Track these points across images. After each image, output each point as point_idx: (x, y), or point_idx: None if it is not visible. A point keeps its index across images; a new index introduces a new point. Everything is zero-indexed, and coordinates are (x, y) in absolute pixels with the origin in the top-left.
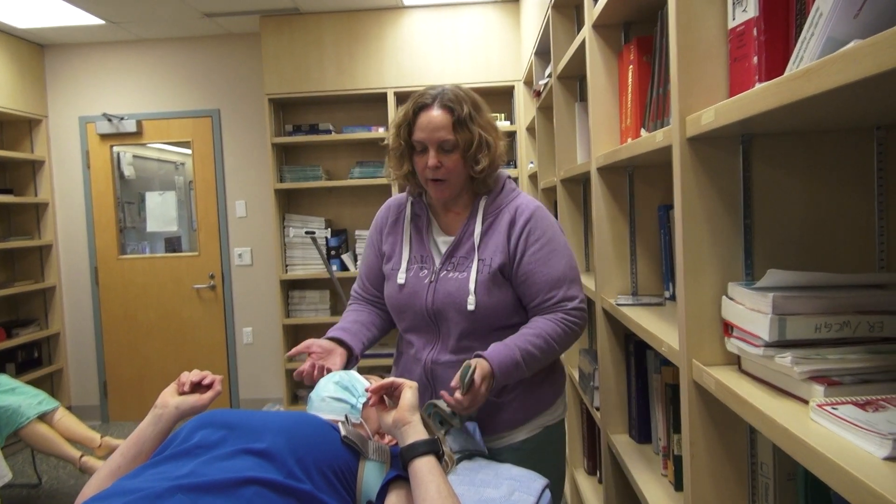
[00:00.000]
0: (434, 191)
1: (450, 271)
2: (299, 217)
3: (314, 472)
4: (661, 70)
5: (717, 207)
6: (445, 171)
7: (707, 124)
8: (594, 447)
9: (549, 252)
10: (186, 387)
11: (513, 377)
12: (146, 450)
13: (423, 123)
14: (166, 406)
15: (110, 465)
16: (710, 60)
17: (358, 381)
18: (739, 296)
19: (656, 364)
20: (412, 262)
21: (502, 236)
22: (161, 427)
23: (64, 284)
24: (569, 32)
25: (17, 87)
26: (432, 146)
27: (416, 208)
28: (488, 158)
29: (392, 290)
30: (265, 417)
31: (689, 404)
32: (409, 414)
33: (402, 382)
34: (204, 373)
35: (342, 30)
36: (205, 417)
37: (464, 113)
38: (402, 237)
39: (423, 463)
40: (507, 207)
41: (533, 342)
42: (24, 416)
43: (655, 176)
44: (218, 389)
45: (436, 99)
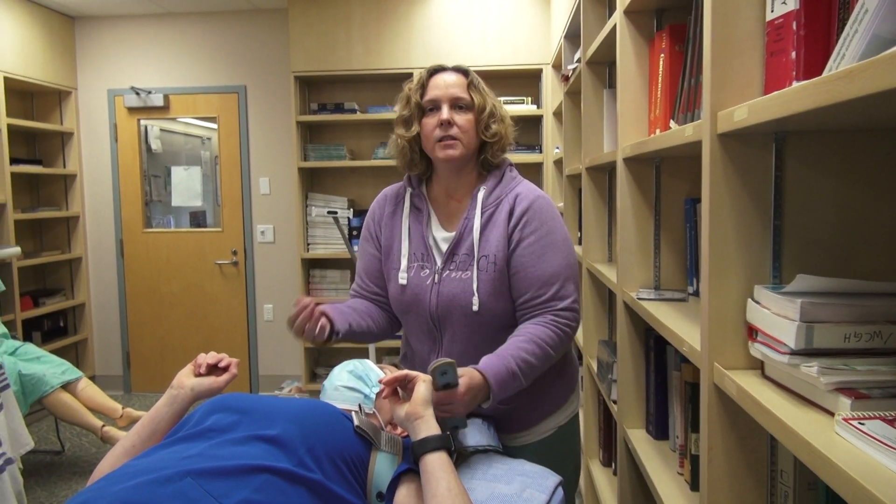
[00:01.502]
0: (443, 151)
1: (452, 271)
2: (322, 196)
3: (325, 461)
4: (694, 60)
5: (746, 206)
6: (458, 129)
7: (740, 121)
8: (610, 439)
9: (544, 246)
10: (203, 369)
11: (510, 389)
12: (161, 429)
13: (438, 82)
14: (182, 387)
15: (125, 445)
16: (746, 54)
17: (372, 370)
18: (766, 299)
19: (676, 361)
20: (412, 259)
21: (502, 229)
22: (176, 408)
23: (90, 255)
24: (600, 17)
25: (48, 59)
26: (446, 102)
27: (415, 201)
28: (499, 126)
29: (395, 291)
30: (278, 404)
31: (708, 407)
32: (421, 408)
33: (415, 375)
34: (220, 355)
35: (371, 8)
36: (219, 401)
37: (477, 80)
38: (401, 231)
39: (434, 458)
40: (507, 197)
41: (528, 349)
42: (49, 385)
43: (683, 168)
44: (234, 373)
45: (450, 67)
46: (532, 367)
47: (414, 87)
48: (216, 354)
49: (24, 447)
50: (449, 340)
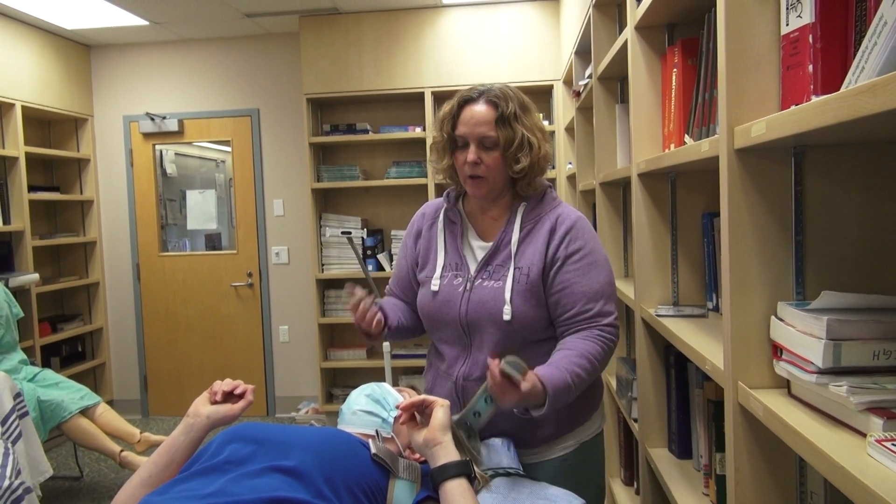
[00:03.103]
0: (472, 188)
1: (485, 279)
2: (336, 216)
3: (343, 491)
4: (708, 74)
5: (766, 222)
6: (484, 168)
7: (757, 136)
8: (631, 457)
9: (589, 264)
10: (219, 396)
11: (562, 402)
12: (178, 459)
13: (466, 117)
14: (198, 415)
15: (141, 475)
16: (761, 68)
17: (390, 394)
18: (790, 317)
19: (698, 378)
20: (447, 268)
21: (541, 244)
22: (193, 436)
23: (107, 280)
24: (610, 32)
25: (65, 87)
26: (473, 141)
27: (450, 215)
28: (529, 159)
29: (425, 298)
30: (294, 433)
31: (734, 428)
32: (440, 434)
33: (433, 401)
34: (236, 382)
35: (381, 29)
36: (234, 431)
37: (508, 110)
38: (437, 243)
39: (454, 485)
40: (548, 216)
41: (580, 363)
42: (67, 411)
43: (700, 182)
44: (250, 399)
45: (482, 94)
46: (583, 382)
47: (447, 115)
48: (231, 381)
49: (42, 474)
50: (478, 348)
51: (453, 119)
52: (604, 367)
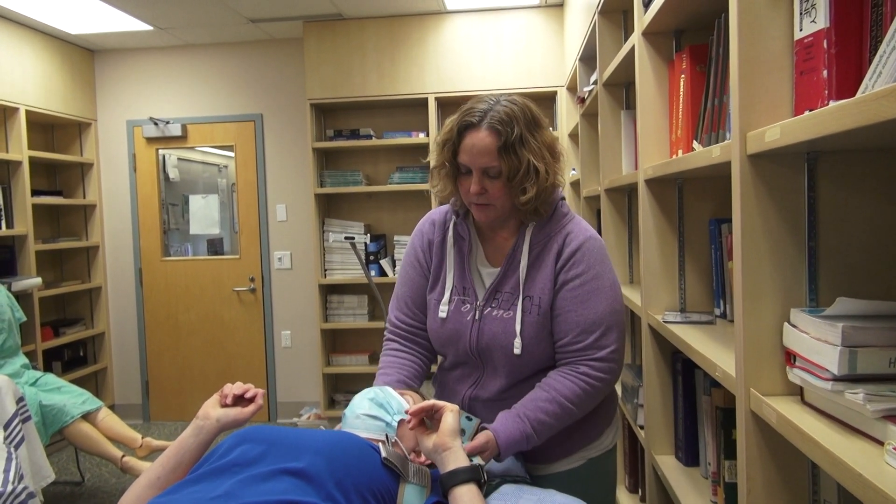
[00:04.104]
0: (477, 213)
1: (494, 308)
2: (339, 222)
3: (353, 494)
4: (717, 80)
5: (779, 228)
6: (489, 197)
7: (771, 142)
8: (636, 464)
9: (589, 291)
10: (229, 399)
11: (521, 448)
12: (186, 461)
13: (468, 146)
14: (208, 418)
15: (149, 476)
16: (774, 73)
17: (393, 398)
18: (803, 323)
19: (706, 385)
20: (454, 292)
21: (549, 269)
22: (202, 439)
23: (109, 285)
24: (616, 39)
25: (69, 92)
26: (476, 170)
27: (459, 230)
28: (535, 188)
29: (434, 324)
30: (304, 435)
31: (745, 436)
32: (449, 439)
33: (443, 405)
34: (247, 386)
35: (384, 35)
36: (244, 433)
37: (513, 136)
38: (446, 262)
39: (464, 491)
40: (557, 235)
41: (546, 409)
42: (69, 416)
43: (707, 188)
44: (260, 403)
45: (484, 118)
46: (549, 427)
47: (447, 141)
48: (242, 385)
49: (45, 479)
50: (490, 374)
51: (454, 145)
52: (587, 408)
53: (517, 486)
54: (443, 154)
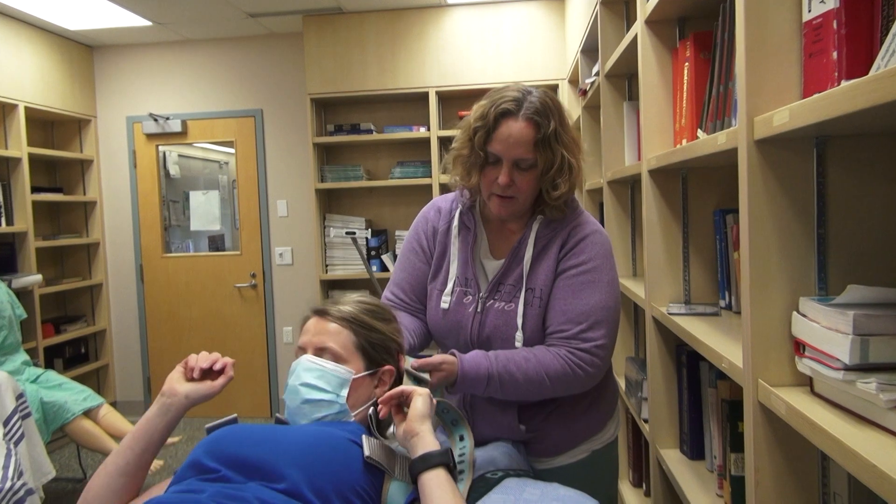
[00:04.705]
0: (496, 207)
1: (497, 300)
2: (340, 217)
3: (336, 500)
4: (723, 67)
5: (787, 215)
6: (515, 189)
7: (780, 126)
8: (639, 458)
9: (585, 282)
10: (196, 374)
11: (477, 390)
12: (155, 442)
13: (503, 135)
14: (175, 395)
15: (117, 463)
16: (782, 56)
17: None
18: (813, 312)
19: (711, 377)
20: (456, 283)
21: (552, 261)
22: (170, 418)
23: (110, 281)
24: (618, 29)
25: (68, 88)
26: (507, 161)
27: (465, 219)
28: (568, 184)
29: (434, 314)
30: (280, 445)
31: (753, 428)
32: (417, 424)
33: (412, 390)
34: (213, 356)
35: (384, 29)
36: (219, 449)
37: (549, 129)
38: (450, 251)
39: (430, 477)
40: (564, 229)
41: (520, 365)
42: (70, 412)
43: (711, 178)
44: (230, 375)
45: (521, 107)
46: (514, 384)
47: (480, 126)
48: (209, 356)
49: (45, 476)
50: None
51: (487, 134)
52: (560, 390)
53: (520, 480)
54: (472, 141)
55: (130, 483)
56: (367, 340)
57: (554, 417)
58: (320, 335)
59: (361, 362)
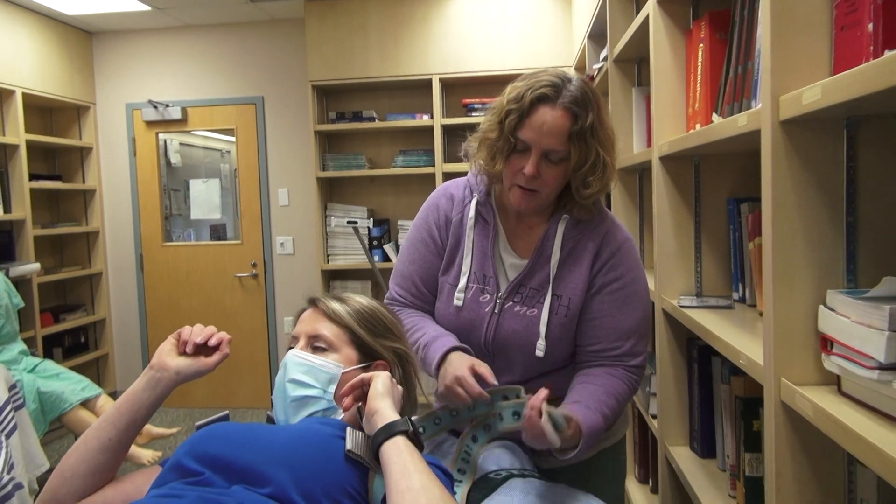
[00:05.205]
0: (517, 198)
1: (517, 303)
2: (342, 206)
3: (324, 501)
4: (742, 46)
5: (814, 202)
6: (541, 182)
7: (810, 104)
8: (646, 454)
9: (627, 296)
10: (189, 348)
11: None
12: (140, 417)
13: (536, 122)
14: (165, 369)
15: (100, 438)
16: (811, 30)
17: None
18: (843, 306)
19: (724, 373)
20: (472, 279)
21: (585, 269)
22: (158, 393)
23: (110, 270)
24: (627, 12)
25: (66, 75)
26: (536, 151)
27: (482, 211)
28: (600, 183)
29: (446, 311)
30: (265, 446)
31: (775, 429)
32: (376, 402)
33: (371, 376)
34: (209, 330)
35: (387, 14)
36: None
37: (587, 122)
38: (464, 243)
39: (388, 446)
40: (593, 233)
41: (609, 404)
42: (68, 403)
43: (725, 165)
44: (226, 352)
45: (560, 94)
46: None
47: (513, 108)
48: (203, 329)
49: (39, 468)
50: (500, 370)
51: (519, 118)
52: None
53: (525, 480)
54: (503, 124)
55: (111, 461)
56: (363, 329)
57: None
58: (314, 323)
59: (354, 354)
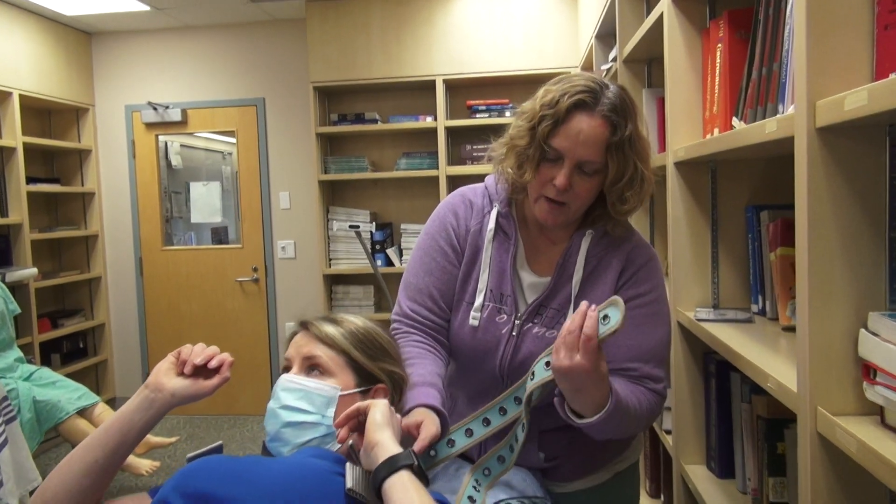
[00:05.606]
0: (544, 212)
1: (537, 325)
2: (344, 210)
3: None
4: (766, 47)
5: (854, 216)
6: (572, 195)
7: (853, 111)
8: (657, 467)
9: (649, 315)
10: (188, 369)
11: (614, 423)
12: (130, 440)
13: (573, 131)
14: (161, 390)
15: (85, 460)
16: (850, 29)
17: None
18: (887, 330)
19: (744, 390)
20: (488, 297)
21: (608, 287)
22: (151, 414)
23: (109, 275)
24: (637, 11)
25: (65, 76)
26: (570, 161)
27: (504, 224)
28: (638, 199)
29: (461, 330)
30: (257, 483)
31: (811, 462)
32: (376, 434)
33: (368, 404)
34: (211, 350)
35: (390, 14)
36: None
37: (625, 133)
38: (482, 257)
39: (392, 482)
40: (619, 250)
41: (634, 405)
42: (64, 411)
43: (744, 172)
44: (226, 376)
45: (598, 101)
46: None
47: (547, 114)
48: (204, 350)
49: (30, 483)
50: None
51: (554, 124)
52: (632, 431)
53: None
54: (535, 130)
55: (96, 484)
56: (359, 352)
57: (578, 443)
58: (308, 345)
59: (352, 378)
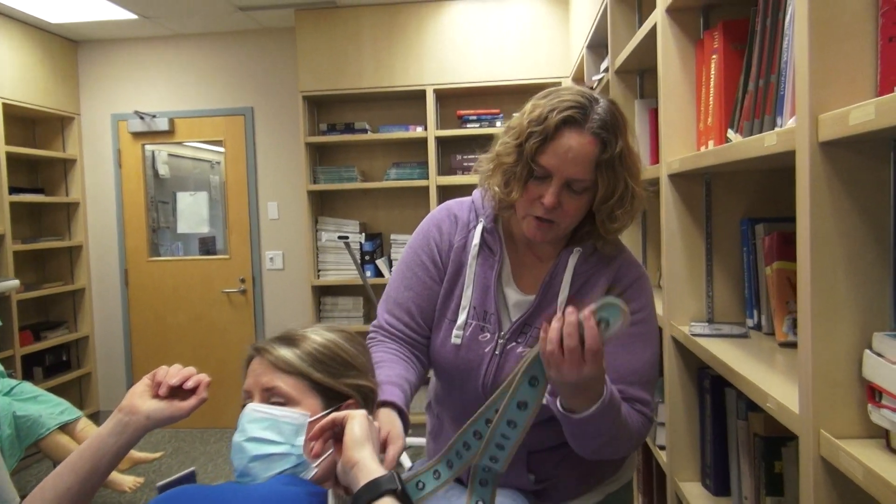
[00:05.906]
0: (531, 230)
1: (521, 343)
2: (333, 220)
3: None
4: (763, 58)
5: (857, 233)
6: (560, 213)
7: (858, 125)
8: (650, 483)
9: (636, 335)
10: (163, 390)
11: (607, 422)
12: (104, 465)
13: (561, 148)
14: (135, 413)
15: (57, 487)
16: (852, 42)
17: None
18: (892, 351)
19: (740, 407)
20: (471, 315)
21: None
22: (126, 439)
23: (94, 286)
24: (629, 23)
25: (50, 85)
26: (558, 179)
27: (489, 240)
28: (629, 216)
29: (442, 348)
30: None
31: (814, 486)
32: (355, 451)
33: (345, 415)
34: (187, 371)
35: (381, 24)
36: None
37: (615, 150)
38: (465, 273)
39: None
40: (607, 268)
41: (623, 417)
42: (45, 427)
43: (739, 184)
44: (203, 397)
45: (587, 117)
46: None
47: (535, 130)
48: (180, 371)
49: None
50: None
51: (542, 142)
52: (617, 452)
53: None
54: (522, 147)
55: None
56: (320, 373)
57: (567, 463)
58: (266, 374)
59: (317, 401)
